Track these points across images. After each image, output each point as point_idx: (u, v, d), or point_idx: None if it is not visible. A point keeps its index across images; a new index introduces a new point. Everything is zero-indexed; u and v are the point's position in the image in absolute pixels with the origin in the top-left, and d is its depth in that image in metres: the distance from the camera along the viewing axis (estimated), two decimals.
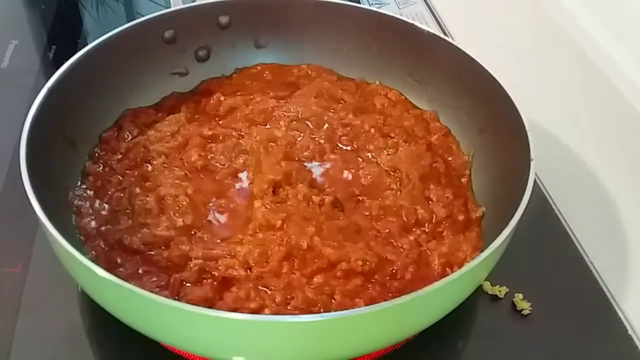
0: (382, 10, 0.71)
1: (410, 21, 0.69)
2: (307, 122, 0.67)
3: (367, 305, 0.42)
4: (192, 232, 0.55)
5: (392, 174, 0.62)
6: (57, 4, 0.94)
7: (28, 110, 0.53)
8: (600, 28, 0.73)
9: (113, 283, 0.42)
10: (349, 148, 0.65)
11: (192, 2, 0.71)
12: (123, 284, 0.42)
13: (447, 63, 0.66)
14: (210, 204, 0.57)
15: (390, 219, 0.57)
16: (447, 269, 0.54)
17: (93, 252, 0.53)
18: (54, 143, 0.57)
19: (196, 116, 0.67)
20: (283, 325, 0.41)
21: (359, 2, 0.93)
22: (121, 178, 0.60)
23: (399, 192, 0.60)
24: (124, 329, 0.46)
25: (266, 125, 0.66)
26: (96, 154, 0.62)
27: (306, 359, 0.46)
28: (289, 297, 0.50)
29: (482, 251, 0.46)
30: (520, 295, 0.57)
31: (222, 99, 0.69)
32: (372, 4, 0.94)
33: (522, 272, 0.59)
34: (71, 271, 0.48)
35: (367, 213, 0.58)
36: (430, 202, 0.59)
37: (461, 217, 0.58)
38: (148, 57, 0.68)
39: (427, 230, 0.57)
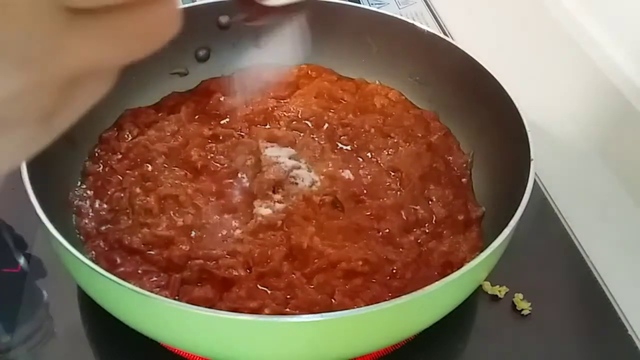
0: (382, 10, 0.71)
1: (410, 21, 0.69)
2: (307, 122, 0.67)
3: (368, 305, 0.42)
4: (192, 232, 0.55)
5: (392, 173, 0.62)
6: None
7: None
8: (600, 28, 0.73)
9: (113, 283, 0.42)
10: (349, 148, 0.65)
11: (192, 2, 0.71)
12: (123, 283, 0.42)
13: (447, 63, 0.66)
14: (210, 204, 0.57)
15: (390, 219, 0.57)
16: (447, 269, 0.54)
17: (93, 252, 0.53)
18: (54, 143, 0.56)
19: (196, 116, 0.67)
20: (283, 325, 0.41)
21: (359, 2, 0.93)
22: (121, 178, 0.60)
23: (399, 192, 0.60)
24: (124, 329, 0.46)
25: (266, 125, 0.66)
26: (96, 154, 0.62)
27: (306, 359, 0.46)
28: (289, 296, 0.51)
29: (482, 251, 0.46)
30: (520, 295, 0.57)
31: (222, 99, 0.69)
32: (372, 4, 0.94)
33: (522, 272, 0.59)
34: (71, 271, 0.48)
35: (367, 213, 0.58)
36: (430, 202, 0.59)
37: (461, 217, 0.58)
38: (148, 57, 0.67)
39: (427, 230, 0.57)
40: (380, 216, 0.57)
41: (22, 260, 0.58)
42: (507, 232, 0.46)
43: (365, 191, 0.60)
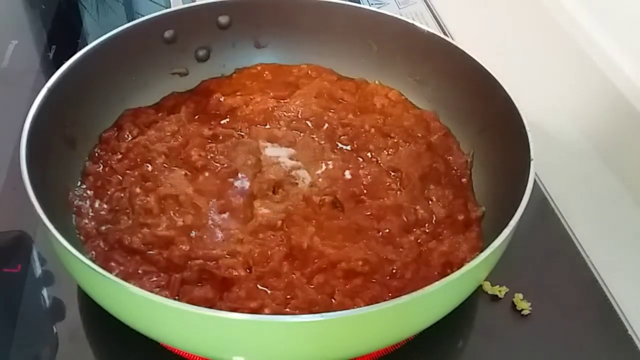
0: (382, 10, 0.71)
1: (410, 21, 0.69)
2: (307, 122, 0.67)
3: (368, 305, 0.42)
4: (192, 232, 0.55)
5: (392, 173, 0.62)
6: (57, 4, 0.94)
7: (28, 110, 0.53)
8: (600, 28, 0.73)
9: (113, 282, 0.42)
10: (349, 148, 0.65)
11: (192, 2, 0.71)
12: (123, 283, 0.42)
13: (447, 63, 0.66)
14: (210, 204, 0.57)
15: (390, 219, 0.57)
16: (447, 269, 0.54)
17: (93, 252, 0.53)
18: (54, 143, 0.57)
19: (196, 116, 0.67)
20: (283, 325, 0.41)
21: (359, 2, 0.93)
22: (121, 178, 0.60)
23: (399, 192, 0.60)
24: (124, 329, 0.46)
25: (266, 125, 0.66)
26: (96, 154, 0.62)
27: (306, 359, 0.46)
28: (289, 296, 0.51)
29: (482, 251, 0.46)
30: (520, 295, 0.57)
31: (222, 99, 0.69)
32: (372, 4, 0.94)
33: (522, 272, 0.59)
34: (71, 271, 0.48)
35: (367, 213, 0.58)
36: (430, 202, 0.60)
37: (461, 217, 0.58)
38: (148, 57, 0.68)
39: (427, 230, 0.57)
40: (380, 216, 0.57)
41: (22, 261, 0.58)
42: (507, 232, 0.46)
43: (365, 191, 0.60)
